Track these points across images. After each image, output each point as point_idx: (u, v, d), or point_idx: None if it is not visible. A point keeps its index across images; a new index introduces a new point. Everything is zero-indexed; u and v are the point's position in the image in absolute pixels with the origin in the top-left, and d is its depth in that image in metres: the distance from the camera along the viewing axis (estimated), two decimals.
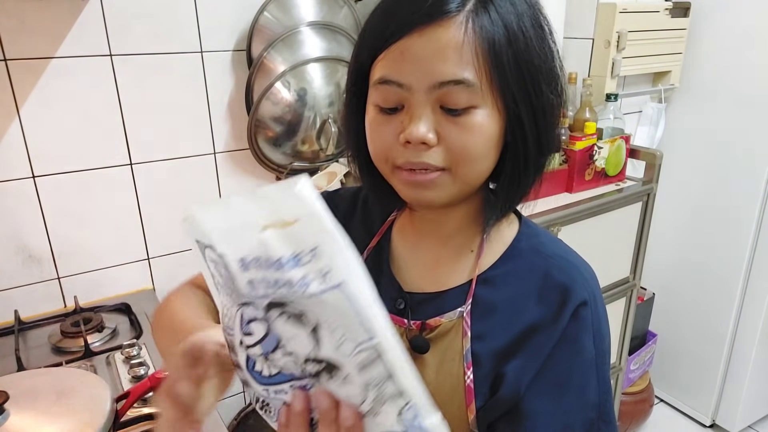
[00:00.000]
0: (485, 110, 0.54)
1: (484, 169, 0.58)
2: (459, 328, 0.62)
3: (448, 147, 0.54)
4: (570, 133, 1.65)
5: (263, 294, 0.38)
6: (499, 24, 0.53)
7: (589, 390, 0.60)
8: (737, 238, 2.07)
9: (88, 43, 1.22)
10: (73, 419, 0.78)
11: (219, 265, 0.41)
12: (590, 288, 0.62)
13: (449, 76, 0.52)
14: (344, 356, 0.38)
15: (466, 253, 0.66)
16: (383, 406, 0.40)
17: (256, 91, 1.38)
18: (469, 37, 0.52)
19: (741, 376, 2.18)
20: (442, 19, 0.52)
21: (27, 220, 1.25)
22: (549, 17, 0.58)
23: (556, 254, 0.64)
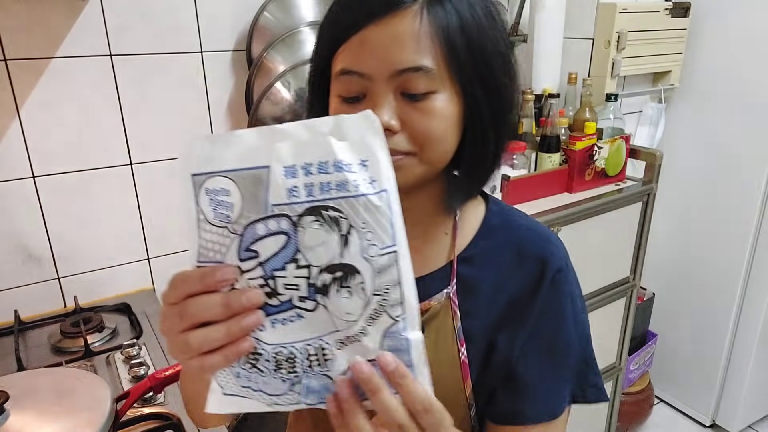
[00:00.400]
0: (444, 94, 0.57)
1: (447, 150, 0.60)
2: (448, 308, 0.66)
3: (412, 132, 0.57)
4: (570, 133, 1.65)
5: (305, 200, 0.42)
6: (453, 13, 0.55)
7: (573, 347, 0.67)
8: (737, 238, 2.07)
9: (88, 43, 1.22)
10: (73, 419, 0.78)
11: (223, 193, 0.44)
12: (562, 255, 0.67)
13: (408, 63, 0.54)
14: (367, 260, 0.43)
15: (441, 236, 0.69)
16: (381, 315, 0.44)
17: (256, 91, 1.38)
18: (425, 25, 0.54)
19: (741, 376, 2.18)
20: (398, 10, 0.54)
21: (27, 220, 1.25)
22: (498, 7, 0.61)
23: (525, 226, 0.69)
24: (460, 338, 0.65)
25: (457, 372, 0.65)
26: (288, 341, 0.46)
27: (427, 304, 0.66)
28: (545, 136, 1.60)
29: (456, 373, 0.65)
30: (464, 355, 0.65)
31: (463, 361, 0.65)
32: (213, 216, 0.45)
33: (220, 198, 0.44)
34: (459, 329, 0.65)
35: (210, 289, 0.45)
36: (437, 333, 0.66)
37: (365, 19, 0.55)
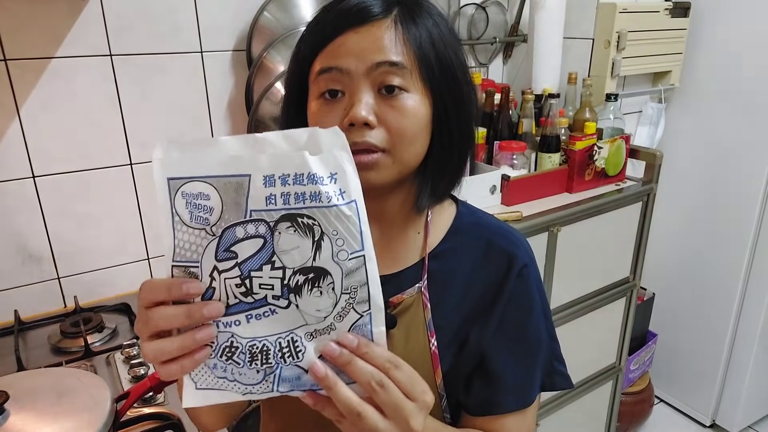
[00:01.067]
0: (416, 95, 0.62)
1: (418, 151, 0.64)
2: (419, 301, 0.70)
3: (388, 128, 0.61)
4: (570, 133, 1.65)
5: (281, 207, 0.47)
6: (423, 29, 0.62)
7: (541, 337, 0.72)
8: (737, 238, 2.07)
9: (88, 43, 1.22)
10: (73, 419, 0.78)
11: (203, 197, 0.47)
12: (528, 252, 0.73)
13: (384, 57, 0.60)
14: (337, 263, 0.48)
15: (413, 235, 0.73)
16: (349, 312, 0.50)
17: (256, 91, 1.38)
18: (399, 35, 0.61)
19: (741, 376, 2.18)
20: (373, 21, 0.61)
21: (27, 220, 1.25)
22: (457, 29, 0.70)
23: (493, 224, 0.75)
24: (430, 330, 0.69)
25: (427, 362, 0.68)
26: (261, 335, 0.49)
27: (400, 297, 0.70)
28: (545, 136, 1.60)
29: (427, 364, 0.68)
30: (434, 346, 0.69)
31: (433, 352, 0.69)
32: (189, 218, 0.47)
33: (199, 202, 0.47)
34: (429, 321, 0.69)
35: (176, 300, 0.49)
36: (409, 325, 0.69)
37: (344, 28, 0.61)
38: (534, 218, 1.48)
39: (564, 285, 1.61)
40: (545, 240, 1.51)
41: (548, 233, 1.51)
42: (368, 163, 0.61)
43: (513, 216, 1.45)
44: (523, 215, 1.47)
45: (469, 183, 1.48)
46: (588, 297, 1.71)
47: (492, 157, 1.62)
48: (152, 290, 0.50)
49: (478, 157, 1.60)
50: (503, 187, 1.53)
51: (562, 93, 1.78)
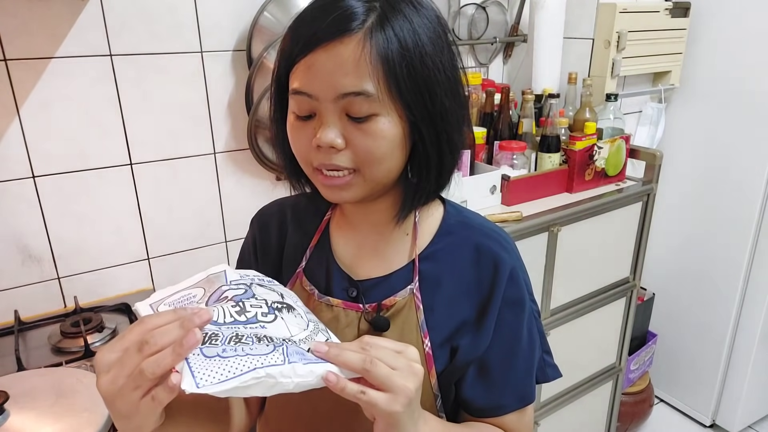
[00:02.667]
0: (386, 117, 0.60)
1: (391, 167, 0.64)
2: (411, 303, 0.71)
3: (355, 151, 0.61)
4: (570, 133, 1.65)
5: (253, 280, 0.64)
6: (395, 41, 0.58)
7: (534, 337, 0.74)
8: (737, 238, 2.07)
9: (88, 43, 1.22)
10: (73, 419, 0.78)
11: (188, 299, 0.60)
12: (513, 250, 0.74)
13: (350, 88, 0.58)
14: (298, 306, 0.63)
15: (402, 237, 0.74)
16: (318, 333, 0.60)
17: (256, 91, 1.38)
18: (367, 52, 0.57)
19: (741, 376, 2.18)
20: (344, 36, 0.58)
21: (27, 220, 1.25)
22: (449, 28, 0.66)
23: (480, 224, 0.75)
24: (423, 331, 0.70)
25: (422, 363, 0.68)
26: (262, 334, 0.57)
27: (392, 300, 0.71)
28: (545, 136, 1.60)
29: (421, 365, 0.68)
30: (428, 347, 0.69)
31: (427, 353, 0.69)
32: (177, 305, 0.58)
33: (184, 302, 0.59)
34: (422, 322, 0.70)
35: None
36: (402, 327, 0.70)
37: (313, 44, 0.59)
38: (534, 218, 1.47)
39: (564, 285, 1.61)
40: (545, 240, 1.51)
41: (548, 233, 1.51)
42: (338, 185, 0.63)
43: (513, 216, 1.45)
44: (523, 215, 1.47)
45: (469, 183, 1.48)
46: (588, 297, 1.70)
47: (492, 157, 1.62)
48: (159, 316, 0.51)
49: (478, 157, 1.60)
50: (503, 187, 1.53)
51: (562, 93, 1.77)
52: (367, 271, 0.74)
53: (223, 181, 1.47)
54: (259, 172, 1.50)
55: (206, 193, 1.46)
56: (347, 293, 0.73)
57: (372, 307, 0.71)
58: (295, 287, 0.77)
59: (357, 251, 0.75)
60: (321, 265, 0.76)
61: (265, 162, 1.46)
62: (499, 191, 1.53)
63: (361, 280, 0.73)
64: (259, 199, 1.53)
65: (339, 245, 0.77)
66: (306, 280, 0.76)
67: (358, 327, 0.71)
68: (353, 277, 0.74)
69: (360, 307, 0.72)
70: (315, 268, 0.77)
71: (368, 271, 0.74)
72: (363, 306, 0.72)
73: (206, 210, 1.47)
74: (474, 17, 1.85)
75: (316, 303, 0.74)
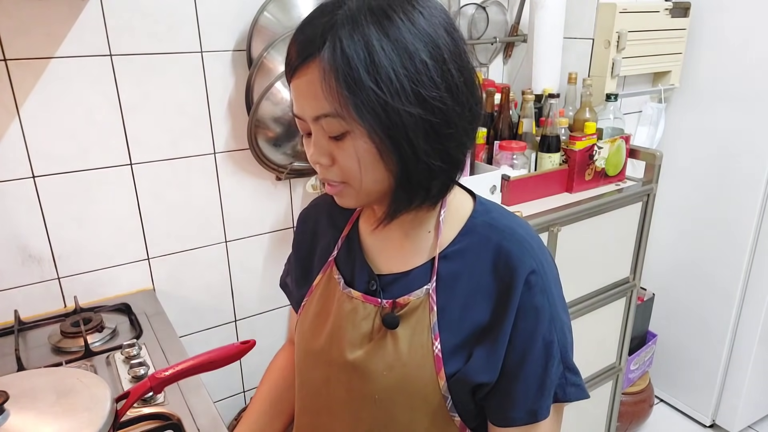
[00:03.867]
0: (357, 134, 0.61)
1: (377, 179, 0.65)
2: (426, 304, 0.70)
3: (339, 167, 0.65)
4: (570, 133, 1.65)
5: None
6: (344, 60, 0.57)
7: (553, 346, 0.68)
8: (737, 238, 2.07)
9: (88, 43, 1.22)
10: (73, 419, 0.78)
11: None
12: (536, 256, 0.69)
13: (318, 110, 0.61)
14: None
15: (424, 234, 0.73)
16: None
17: (256, 91, 1.38)
18: (326, 73, 0.59)
19: (741, 376, 2.18)
20: (310, 61, 0.60)
21: (27, 220, 1.25)
22: (453, 29, 0.63)
23: (506, 226, 0.71)
24: (434, 333, 0.69)
25: (430, 364, 0.69)
26: None
27: (407, 299, 0.71)
28: (545, 136, 1.60)
29: (429, 365, 0.69)
30: (438, 349, 0.69)
31: (436, 355, 0.69)
32: None
33: None
34: (435, 324, 0.69)
35: None
36: (414, 328, 0.70)
37: (290, 72, 0.63)
38: (534, 218, 1.48)
39: (564, 285, 1.59)
40: (545, 240, 1.51)
41: (548, 233, 1.51)
42: (335, 192, 0.68)
43: None
44: (523, 215, 1.47)
45: (469, 183, 1.48)
46: (588, 297, 1.70)
47: (492, 157, 1.62)
48: None
49: (478, 157, 1.60)
50: (503, 187, 1.53)
51: (562, 93, 1.77)
52: (388, 265, 0.76)
53: (223, 181, 1.47)
54: (259, 172, 1.50)
55: (206, 193, 1.46)
56: (368, 286, 0.75)
57: (389, 303, 0.72)
58: (326, 275, 0.81)
59: (381, 245, 0.77)
60: (350, 256, 0.80)
61: (265, 162, 1.46)
62: (499, 191, 1.53)
63: (382, 275, 0.75)
64: (259, 199, 1.54)
65: (366, 238, 0.79)
66: (336, 268, 0.80)
67: (373, 321, 0.73)
68: (375, 270, 0.76)
69: (378, 301, 0.73)
70: (344, 258, 0.80)
71: (390, 266, 0.76)
72: (381, 300, 0.73)
73: (206, 210, 1.47)
74: (474, 17, 1.85)
75: (340, 293, 0.77)
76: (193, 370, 0.81)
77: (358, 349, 0.73)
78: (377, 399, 0.72)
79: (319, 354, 0.78)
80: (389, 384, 0.70)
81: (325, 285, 0.81)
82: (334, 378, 0.76)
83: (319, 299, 0.81)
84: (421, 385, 0.69)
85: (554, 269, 0.72)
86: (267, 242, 1.59)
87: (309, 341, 0.80)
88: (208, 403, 1.02)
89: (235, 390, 1.67)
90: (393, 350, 0.70)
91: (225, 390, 1.65)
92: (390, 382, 0.70)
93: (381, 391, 0.71)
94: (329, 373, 0.77)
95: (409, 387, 0.70)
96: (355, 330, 0.74)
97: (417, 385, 0.69)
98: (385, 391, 0.71)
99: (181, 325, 1.47)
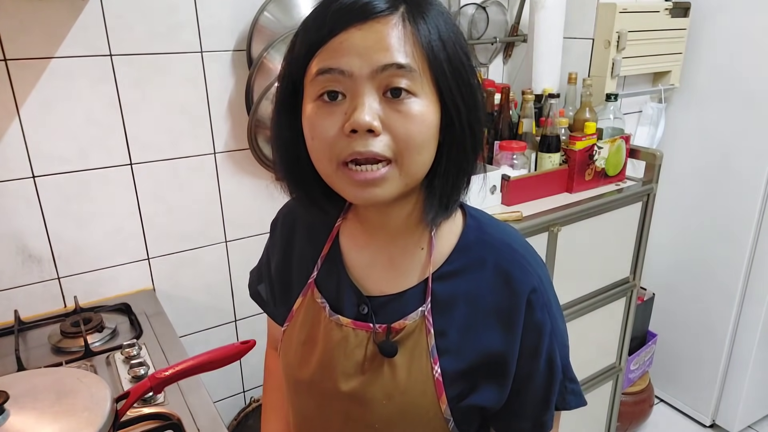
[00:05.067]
0: (424, 100, 0.56)
1: (426, 160, 0.60)
2: (422, 326, 0.66)
3: (394, 135, 0.56)
4: (570, 133, 1.65)
5: None
6: (434, 27, 0.57)
7: (554, 358, 0.67)
8: (737, 238, 2.07)
9: (88, 43, 1.22)
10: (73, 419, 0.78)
11: None
12: (534, 271, 0.66)
13: (391, 59, 0.54)
14: None
15: (417, 252, 0.68)
16: None
17: (256, 91, 1.38)
18: (407, 34, 0.55)
19: (741, 376, 2.18)
20: (378, 17, 0.55)
21: (27, 220, 1.25)
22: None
23: (502, 242, 0.68)
24: (434, 356, 0.66)
25: (431, 389, 0.66)
26: None
27: (402, 323, 0.67)
28: (545, 136, 1.60)
29: (430, 390, 0.66)
30: (438, 372, 0.65)
31: (437, 379, 0.65)
32: None
33: None
34: (433, 347, 0.66)
35: None
36: (412, 352, 0.66)
37: (345, 24, 0.55)
38: (534, 218, 1.47)
39: (564, 285, 1.61)
40: (545, 240, 1.51)
41: (548, 233, 1.51)
42: (373, 179, 0.57)
43: (513, 216, 1.45)
44: (523, 215, 1.47)
45: None
46: (588, 297, 1.70)
47: (492, 157, 1.62)
48: None
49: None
50: (503, 187, 1.53)
51: (562, 93, 1.77)
52: (379, 286, 0.70)
53: (223, 181, 1.47)
54: (259, 172, 1.50)
55: (206, 193, 1.46)
56: (358, 309, 0.69)
57: (382, 328, 0.67)
58: (307, 299, 0.74)
59: (370, 263, 0.71)
60: (332, 276, 0.73)
61: (265, 162, 1.46)
62: (499, 191, 1.53)
63: (373, 297, 0.69)
64: (259, 199, 1.54)
65: (350, 256, 0.72)
66: (317, 291, 0.73)
67: (366, 347, 0.68)
68: (364, 292, 0.70)
69: (370, 327, 0.68)
70: (326, 279, 0.73)
71: (380, 287, 0.70)
72: (373, 325, 0.68)
73: (206, 210, 1.47)
74: (474, 17, 1.85)
75: (326, 320, 0.71)
76: (193, 370, 0.81)
77: (353, 379, 0.68)
78: (377, 428, 0.69)
79: (309, 384, 0.73)
80: (389, 413, 0.67)
81: (307, 310, 0.74)
82: (328, 407, 0.72)
83: (303, 326, 0.74)
84: (422, 411, 0.66)
85: (548, 274, 0.70)
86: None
87: (296, 370, 0.74)
88: (208, 403, 1.02)
89: (235, 390, 1.67)
90: (391, 378, 0.66)
91: (225, 390, 1.65)
92: (390, 411, 0.67)
93: (381, 421, 0.68)
94: (322, 402, 0.73)
95: (411, 415, 0.67)
96: (347, 360, 0.69)
97: (419, 412, 0.66)
98: (385, 420, 0.68)
99: (181, 325, 1.47)
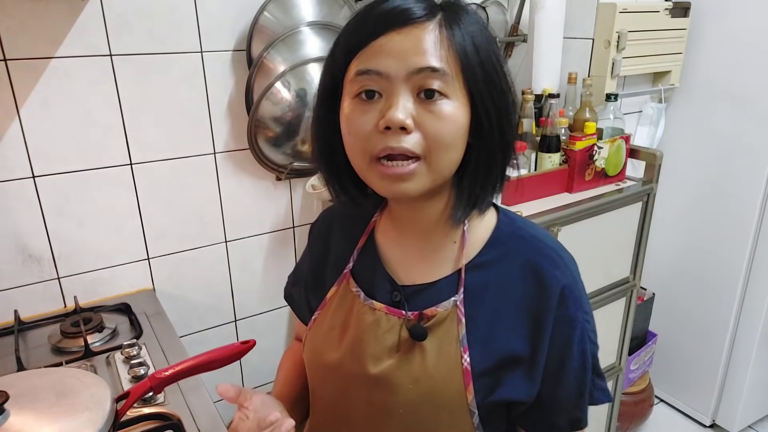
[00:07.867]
0: (456, 102, 0.61)
1: (454, 159, 0.63)
2: (454, 315, 0.69)
3: (425, 134, 0.60)
4: (570, 133, 1.65)
5: None
6: (468, 35, 0.61)
7: (586, 354, 0.69)
8: (737, 238, 2.07)
9: (88, 43, 1.22)
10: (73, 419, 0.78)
11: None
12: (567, 267, 0.70)
13: (426, 63, 0.59)
14: None
15: (449, 245, 0.72)
16: None
17: (256, 91, 1.38)
18: (443, 39, 0.60)
19: (741, 376, 2.18)
20: (416, 23, 0.60)
21: (27, 220, 1.25)
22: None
23: (533, 237, 0.72)
24: (463, 345, 0.68)
25: (458, 378, 0.67)
26: None
27: (434, 310, 0.69)
28: (545, 136, 1.60)
29: (457, 379, 0.67)
30: (467, 362, 0.67)
31: (465, 368, 0.67)
32: None
33: None
34: (463, 337, 0.68)
35: None
36: (441, 340, 0.68)
37: (385, 28, 0.60)
38: (534, 218, 1.47)
39: None
40: None
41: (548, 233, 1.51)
42: (402, 174, 0.61)
43: None
44: (523, 215, 1.46)
45: None
46: (588, 297, 1.70)
47: None
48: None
49: None
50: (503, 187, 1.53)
51: (562, 93, 1.77)
52: (411, 276, 0.73)
53: (223, 181, 1.47)
54: (259, 172, 1.50)
55: (206, 193, 1.46)
56: (391, 297, 0.73)
57: (414, 315, 0.70)
58: (341, 288, 0.78)
59: (403, 256, 0.75)
60: (368, 267, 0.77)
61: (265, 162, 1.46)
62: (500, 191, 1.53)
63: (405, 285, 0.73)
64: (259, 199, 1.54)
65: (385, 248, 0.77)
66: (353, 281, 0.77)
67: (399, 333, 0.70)
68: (397, 281, 0.74)
69: (402, 313, 0.71)
70: (362, 269, 0.77)
71: (413, 277, 0.73)
72: (405, 312, 0.71)
73: (206, 210, 1.47)
74: None
75: (360, 305, 0.74)
76: (193, 370, 0.81)
77: (382, 362, 0.71)
78: (402, 413, 0.70)
79: (333, 368, 0.75)
80: (415, 397, 0.69)
81: (341, 298, 0.78)
82: (352, 391, 0.75)
83: (335, 313, 0.78)
84: (448, 398, 0.68)
85: (578, 271, 0.72)
86: (267, 242, 1.59)
87: (321, 355, 0.77)
88: (208, 403, 1.02)
89: None
90: (420, 363, 0.68)
91: None
92: (416, 396, 0.69)
93: (406, 405, 0.70)
94: (346, 387, 0.75)
95: (436, 400, 0.68)
96: (377, 343, 0.71)
97: (444, 399, 0.68)
98: (410, 405, 0.69)
99: (181, 325, 1.47)
